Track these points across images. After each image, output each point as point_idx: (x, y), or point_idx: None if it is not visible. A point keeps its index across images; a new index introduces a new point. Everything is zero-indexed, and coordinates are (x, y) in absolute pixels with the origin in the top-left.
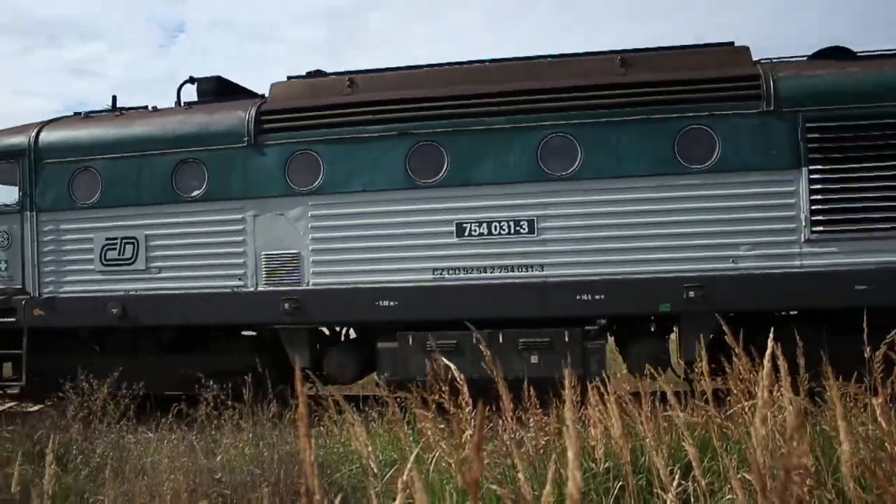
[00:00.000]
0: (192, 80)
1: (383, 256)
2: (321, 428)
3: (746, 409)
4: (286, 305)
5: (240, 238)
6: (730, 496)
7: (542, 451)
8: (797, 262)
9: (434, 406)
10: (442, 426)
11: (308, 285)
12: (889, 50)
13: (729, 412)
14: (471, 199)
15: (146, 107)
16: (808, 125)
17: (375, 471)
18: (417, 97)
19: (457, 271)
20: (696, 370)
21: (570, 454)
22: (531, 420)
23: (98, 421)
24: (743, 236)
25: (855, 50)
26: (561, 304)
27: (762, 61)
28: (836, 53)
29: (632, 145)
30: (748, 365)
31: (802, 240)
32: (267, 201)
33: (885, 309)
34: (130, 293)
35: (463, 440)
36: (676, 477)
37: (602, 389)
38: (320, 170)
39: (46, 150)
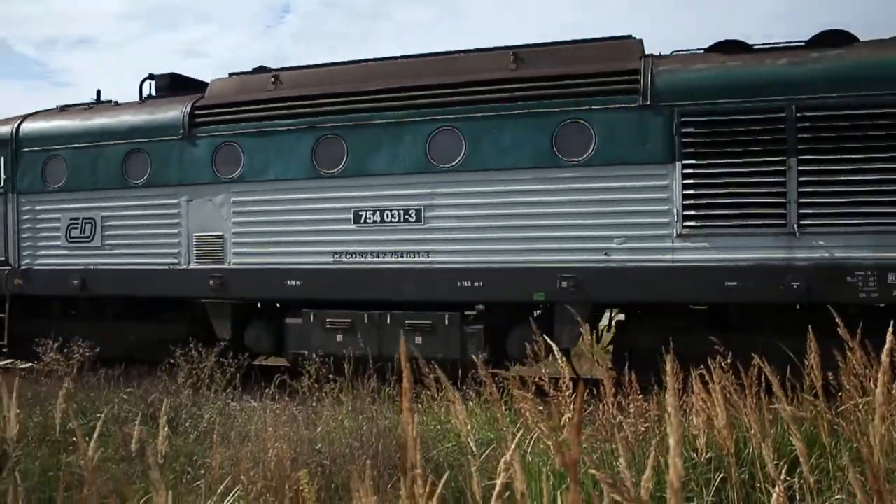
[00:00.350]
0: (151, 76)
1: (291, 240)
2: (418, 405)
3: (860, 407)
4: (211, 282)
5: (175, 221)
6: (839, 496)
7: (641, 437)
8: (669, 257)
9: (533, 387)
10: (541, 408)
11: (230, 265)
12: (783, 43)
13: (840, 408)
14: (366, 189)
15: (111, 101)
16: (682, 119)
17: (474, 449)
18: (322, 93)
19: (353, 255)
20: (808, 363)
21: (671, 441)
22: (631, 405)
23: (206, 388)
24: (616, 229)
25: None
26: (443, 290)
27: (651, 56)
28: (731, 47)
29: (513, 139)
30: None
31: (675, 234)
32: (198, 188)
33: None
34: (89, 267)
35: (561, 423)
36: (782, 472)
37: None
38: (241, 160)
39: (25, 140)
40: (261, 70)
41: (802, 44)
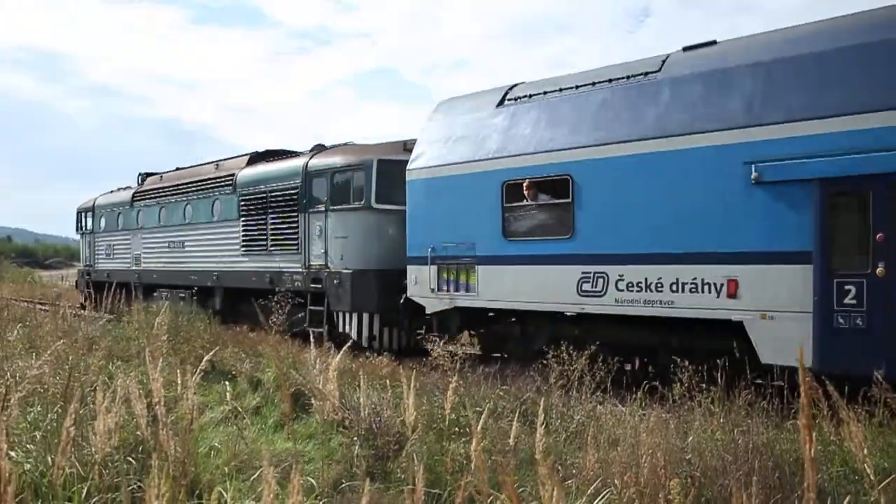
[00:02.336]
0: (140, 174)
1: (153, 255)
2: (795, 421)
3: None
4: (136, 276)
5: (129, 246)
6: None
7: None
8: (241, 265)
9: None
10: None
11: (141, 267)
12: (299, 151)
13: None
14: (171, 232)
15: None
16: (241, 198)
17: (872, 478)
18: (160, 187)
19: (169, 263)
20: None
21: None
22: None
23: (576, 390)
24: (227, 252)
25: None
26: (190, 280)
27: (246, 166)
28: (276, 153)
29: (203, 208)
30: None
31: (240, 254)
32: (135, 230)
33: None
34: (110, 268)
35: None
36: None
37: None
38: (144, 219)
39: (97, 207)
40: (178, 169)
41: (309, 150)
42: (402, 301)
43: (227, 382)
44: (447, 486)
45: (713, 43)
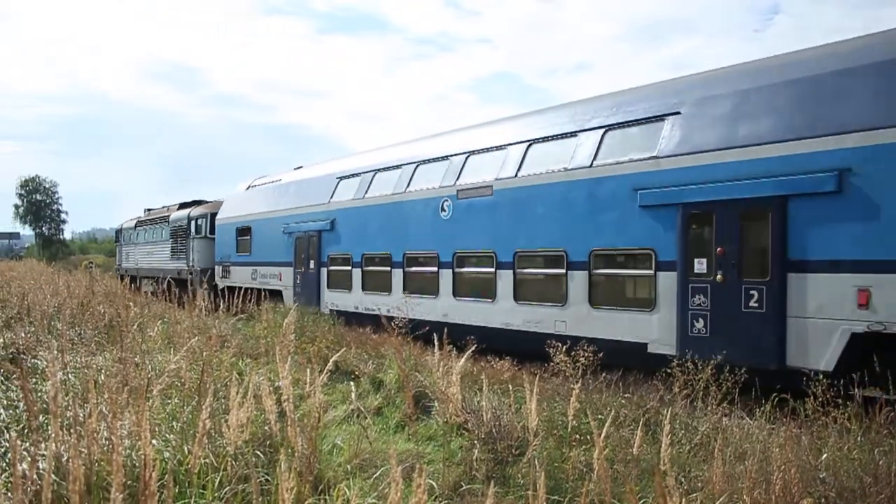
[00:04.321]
0: (145, 210)
1: (141, 260)
2: None
3: None
4: (137, 271)
5: (134, 254)
6: None
7: None
8: (169, 266)
9: None
10: None
11: (138, 266)
12: (205, 201)
13: None
14: (148, 246)
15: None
16: (170, 228)
17: None
18: (144, 219)
19: (147, 264)
20: None
21: None
22: None
23: (700, 401)
24: (165, 259)
25: None
26: (155, 274)
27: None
28: (197, 202)
29: (157, 233)
30: None
31: (169, 260)
32: (136, 244)
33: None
34: (127, 267)
35: None
36: None
37: None
38: (140, 237)
39: (122, 230)
40: (164, 207)
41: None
42: (214, 283)
43: (351, 382)
44: (567, 494)
45: (301, 167)
